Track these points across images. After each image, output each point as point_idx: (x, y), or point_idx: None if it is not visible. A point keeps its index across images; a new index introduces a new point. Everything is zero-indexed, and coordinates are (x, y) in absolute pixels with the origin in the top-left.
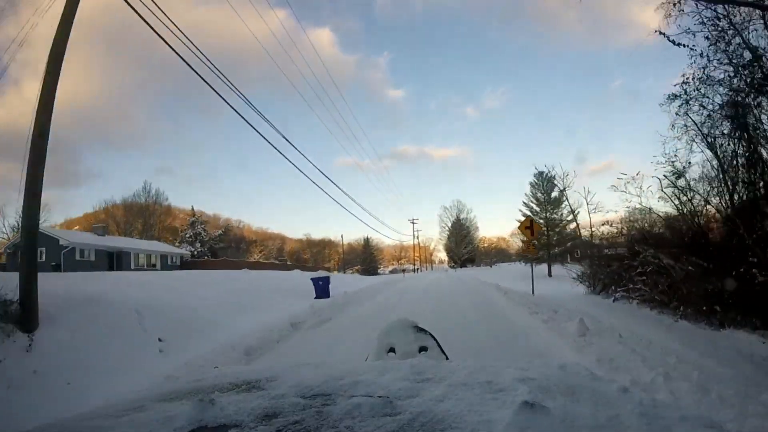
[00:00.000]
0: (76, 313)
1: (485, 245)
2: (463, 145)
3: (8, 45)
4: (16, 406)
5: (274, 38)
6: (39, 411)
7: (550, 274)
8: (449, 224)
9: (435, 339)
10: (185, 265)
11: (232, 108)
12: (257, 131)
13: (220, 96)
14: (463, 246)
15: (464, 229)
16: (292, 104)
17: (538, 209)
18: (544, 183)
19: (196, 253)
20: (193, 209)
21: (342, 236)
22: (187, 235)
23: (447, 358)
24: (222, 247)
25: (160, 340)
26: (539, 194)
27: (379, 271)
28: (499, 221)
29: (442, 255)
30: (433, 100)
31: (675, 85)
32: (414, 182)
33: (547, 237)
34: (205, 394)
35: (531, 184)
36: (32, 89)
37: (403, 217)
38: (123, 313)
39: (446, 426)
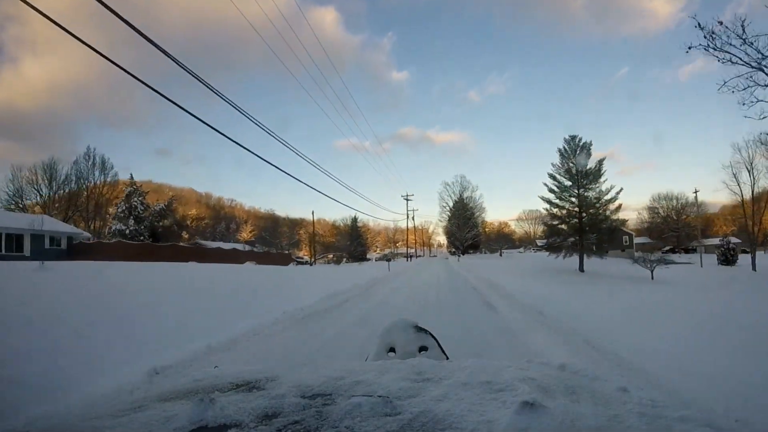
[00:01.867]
0: None
1: (487, 230)
2: (465, 130)
3: None
4: None
5: (275, 17)
6: None
7: (582, 269)
8: (451, 204)
9: (435, 339)
10: (72, 249)
11: (188, 112)
12: (217, 130)
13: (175, 103)
14: (467, 230)
15: (468, 210)
16: (292, 84)
17: (569, 183)
18: (576, 151)
19: (128, 232)
20: (132, 177)
21: (313, 213)
22: (120, 210)
23: (447, 358)
24: (165, 226)
25: None
26: (570, 165)
27: (368, 255)
28: (500, 205)
29: (442, 239)
30: (436, 83)
31: None
32: (414, 166)
33: (579, 220)
34: (205, 394)
35: (560, 152)
36: None
37: (401, 200)
38: None
39: (446, 426)
